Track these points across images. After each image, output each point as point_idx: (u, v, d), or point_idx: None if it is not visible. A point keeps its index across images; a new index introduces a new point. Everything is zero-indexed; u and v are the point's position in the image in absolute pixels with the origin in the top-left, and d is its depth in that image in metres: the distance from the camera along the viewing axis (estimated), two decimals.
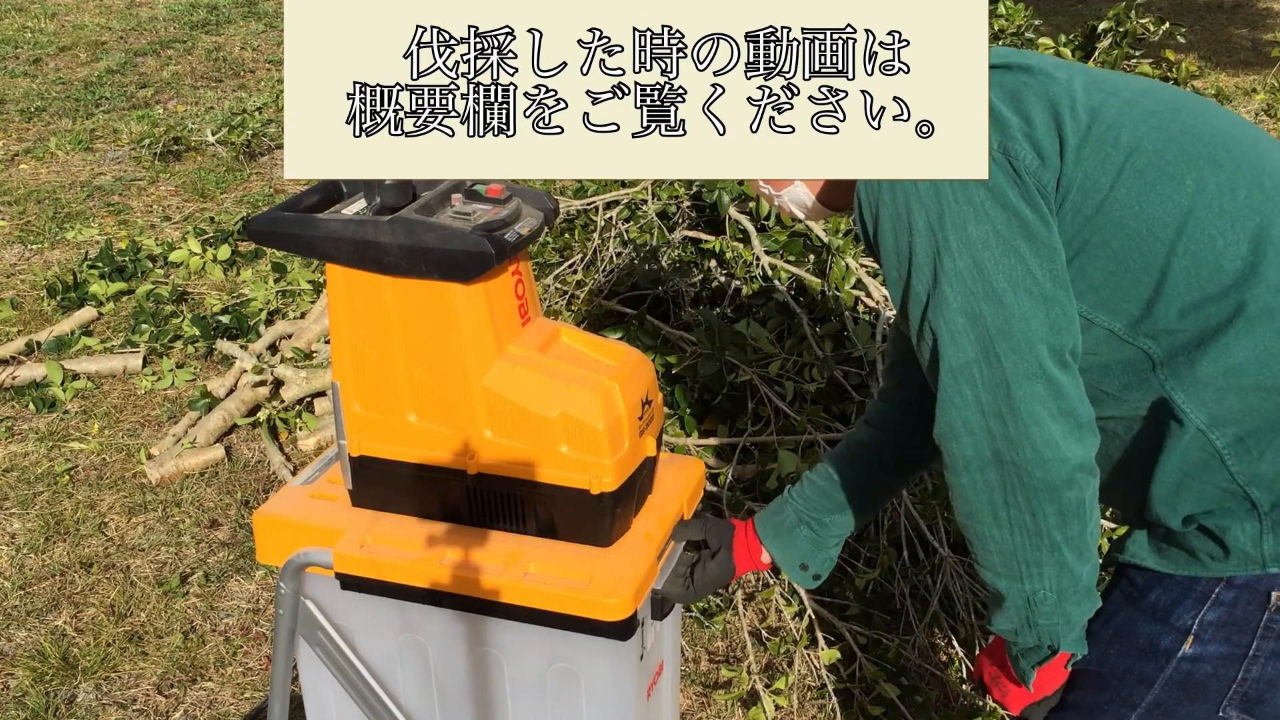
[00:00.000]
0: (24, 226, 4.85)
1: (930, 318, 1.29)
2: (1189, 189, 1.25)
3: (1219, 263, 1.24)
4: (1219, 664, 1.30)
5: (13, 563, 2.88)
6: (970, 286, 1.25)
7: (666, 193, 3.37)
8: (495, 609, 1.70)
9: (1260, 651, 1.28)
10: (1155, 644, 1.34)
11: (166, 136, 5.60)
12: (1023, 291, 1.24)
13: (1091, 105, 1.28)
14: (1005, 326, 1.24)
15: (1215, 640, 1.30)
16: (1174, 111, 1.31)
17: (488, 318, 1.67)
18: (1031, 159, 1.25)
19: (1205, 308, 1.24)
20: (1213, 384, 1.24)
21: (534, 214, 1.75)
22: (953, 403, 1.28)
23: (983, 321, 1.25)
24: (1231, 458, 1.26)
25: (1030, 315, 1.24)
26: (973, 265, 1.24)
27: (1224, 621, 1.29)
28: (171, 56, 7.22)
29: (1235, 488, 1.27)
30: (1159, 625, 1.34)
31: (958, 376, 1.27)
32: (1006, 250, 1.24)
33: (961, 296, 1.25)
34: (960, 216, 1.24)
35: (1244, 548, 1.28)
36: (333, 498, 1.90)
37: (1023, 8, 4.01)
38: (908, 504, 2.51)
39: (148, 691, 2.49)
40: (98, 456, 3.33)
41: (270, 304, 3.99)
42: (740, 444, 2.75)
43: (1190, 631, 1.31)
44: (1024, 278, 1.24)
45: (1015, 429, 1.25)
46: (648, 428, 1.78)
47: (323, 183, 1.85)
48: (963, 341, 1.26)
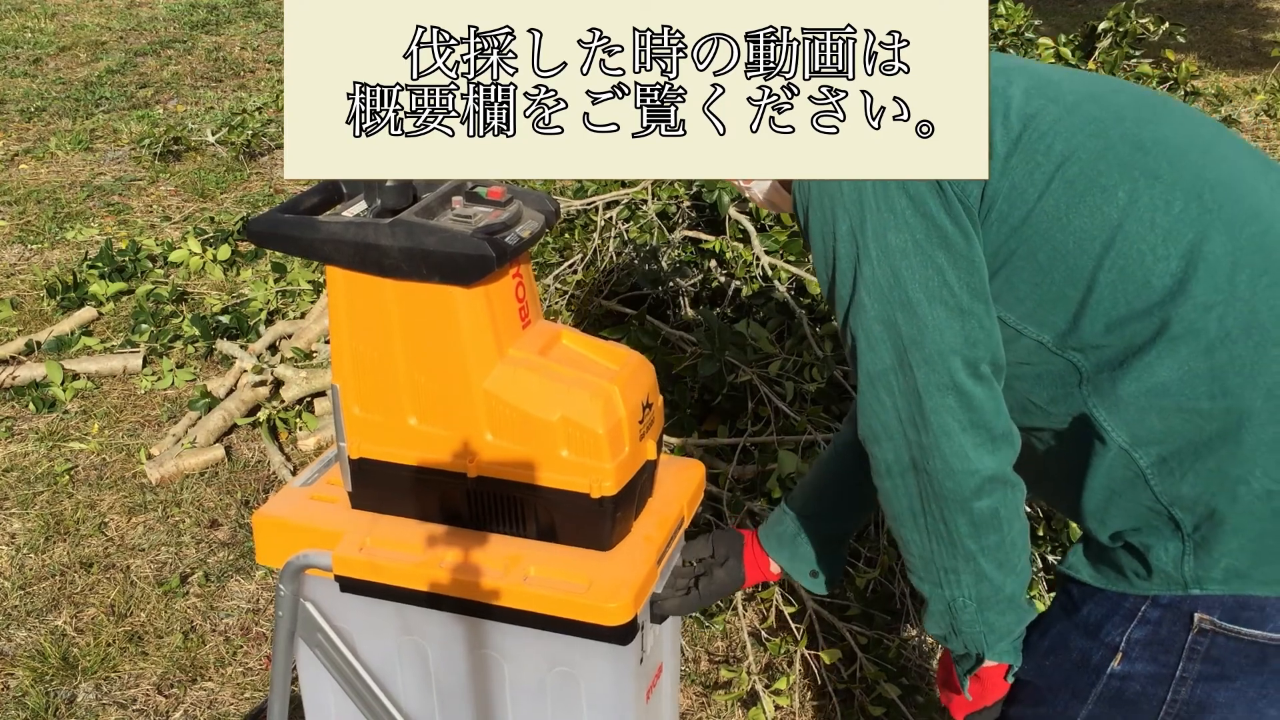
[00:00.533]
0: (24, 226, 4.85)
1: (850, 322, 1.29)
2: (1120, 201, 1.22)
3: (1147, 278, 1.21)
4: (1147, 683, 1.28)
5: (13, 563, 2.88)
6: (887, 295, 1.25)
7: (666, 193, 3.37)
8: (495, 612, 1.70)
9: (1188, 673, 1.26)
10: (1087, 658, 1.33)
11: (166, 136, 5.60)
12: (938, 303, 1.24)
13: (1027, 113, 1.26)
14: (918, 337, 1.24)
15: (1142, 659, 1.28)
16: (1118, 119, 1.28)
17: (488, 321, 1.67)
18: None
19: (1131, 324, 1.22)
20: (1134, 403, 1.22)
21: (535, 216, 1.75)
22: (872, 408, 1.29)
23: (898, 330, 1.25)
24: (1155, 478, 1.24)
25: (944, 327, 1.24)
26: (890, 274, 1.24)
27: (1150, 640, 1.27)
28: (171, 56, 7.22)
29: (1159, 507, 1.25)
30: (1090, 640, 1.32)
31: (875, 383, 1.28)
32: (924, 260, 1.23)
33: (879, 304, 1.25)
34: (881, 224, 1.24)
35: (1166, 568, 1.25)
36: (332, 499, 1.90)
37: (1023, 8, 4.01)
38: None
39: (148, 691, 2.49)
40: (98, 456, 3.32)
41: (270, 304, 3.99)
42: (740, 444, 2.75)
43: (1119, 648, 1.29)
44: (940, 289, 1.23)
45: (926, 438, 1.26)
46: (648, 431, 1.78)
47: (323, 183, 1.84)
48: (879, 349, 1.27)
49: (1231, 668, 1.24)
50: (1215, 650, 1.24)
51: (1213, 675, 1.25)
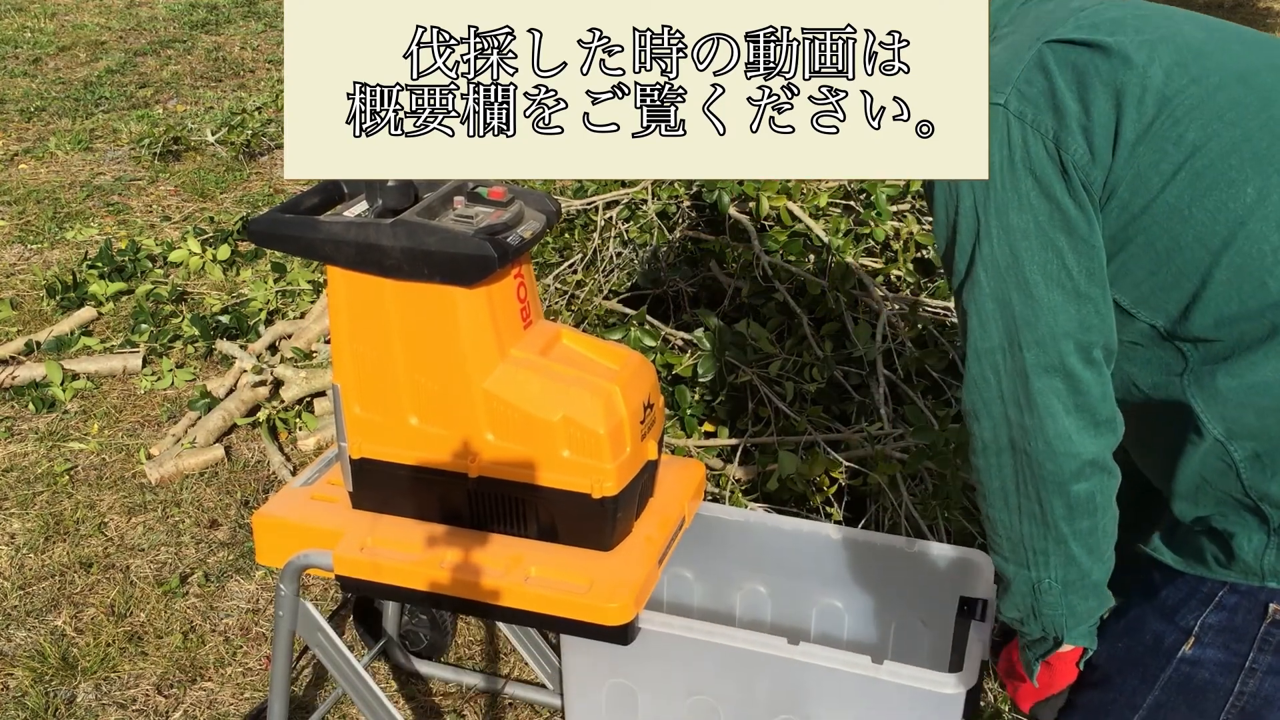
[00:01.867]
0: (24, 226, 4.85)
1: (964, 296, 1.29)
2: (1248, 198, 1.19)
3: (1264, 279, 1.20)
4: (1216, 671, 1.29)
5: (12, 563, 2.87)
6: (1004, 274, 1.24)
7: (666, 193, 3.37)
8: (496, 612, 1.70)
9: (1258, 665, 1.27)
10: (1160, 641, 1.34)
11: (166, 136, 5.60)
12: (1055, 286, 1.23)
13: (1165, 94, 1.21)
14: (1032, 318, 1.24)
15: (1214, 645, 1.29)
16: (1264, 104, 1.22)
17: (489, 321, 1.67)
18: (1082, 154, 1.22)
19: (1241, 323, 1.22)
20: (1233, 399, 1.23)
21: (536, 216, 1.75)
22: (976, 383, 1.30)
23: (1011, 310, 1.25)
24: (1246, 472, 1.25)
25: (1059, 310, 1.23)
26: (1009, 253, 1.24)
27: (1224, 626, 1.29)
28: (171, 56, 7.22)
29: (1249, 500, 1.26)
30: (1165, 623, 1.34)
31: (982, 359, 1.28)
32: (1044, 242, 1.23)
33: (994, 282, 1.25)
34: (1004, 202, 1.23)
35: (1246, 557, 1.27)
36: (333, 499, 1.90)
37: None
38: (908, 504, 2.51)
39: (147, 691, 2.48)
40: (97, 456, 3.32)
41: (270, 304, 3.98)
42: (741, 445, 2.75)
43: (1192, 632, 1.31)
44: (1058, 272, 1.23)
45: (1030, 419, 1.26)
46: (649, 431, 1.78)
47: (323, 184, 1.85)
48: (990, 327, 1.27)
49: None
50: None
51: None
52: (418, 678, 2.49)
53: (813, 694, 1.74)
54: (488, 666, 2.55)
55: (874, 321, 2.89)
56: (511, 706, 2.43)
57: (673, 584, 2.20)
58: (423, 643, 2.51)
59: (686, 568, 2.17)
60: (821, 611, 2.11)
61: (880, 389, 2.74)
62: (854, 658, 1.69)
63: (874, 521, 2.61)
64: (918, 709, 1.68)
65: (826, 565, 2.07)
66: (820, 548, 2.05)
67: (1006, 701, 2.34)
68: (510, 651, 2.57)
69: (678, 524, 1.88)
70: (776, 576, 2.11)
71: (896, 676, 1.66)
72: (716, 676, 1.80)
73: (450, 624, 2.52)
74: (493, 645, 2.60)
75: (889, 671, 1.67)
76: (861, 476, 2.62)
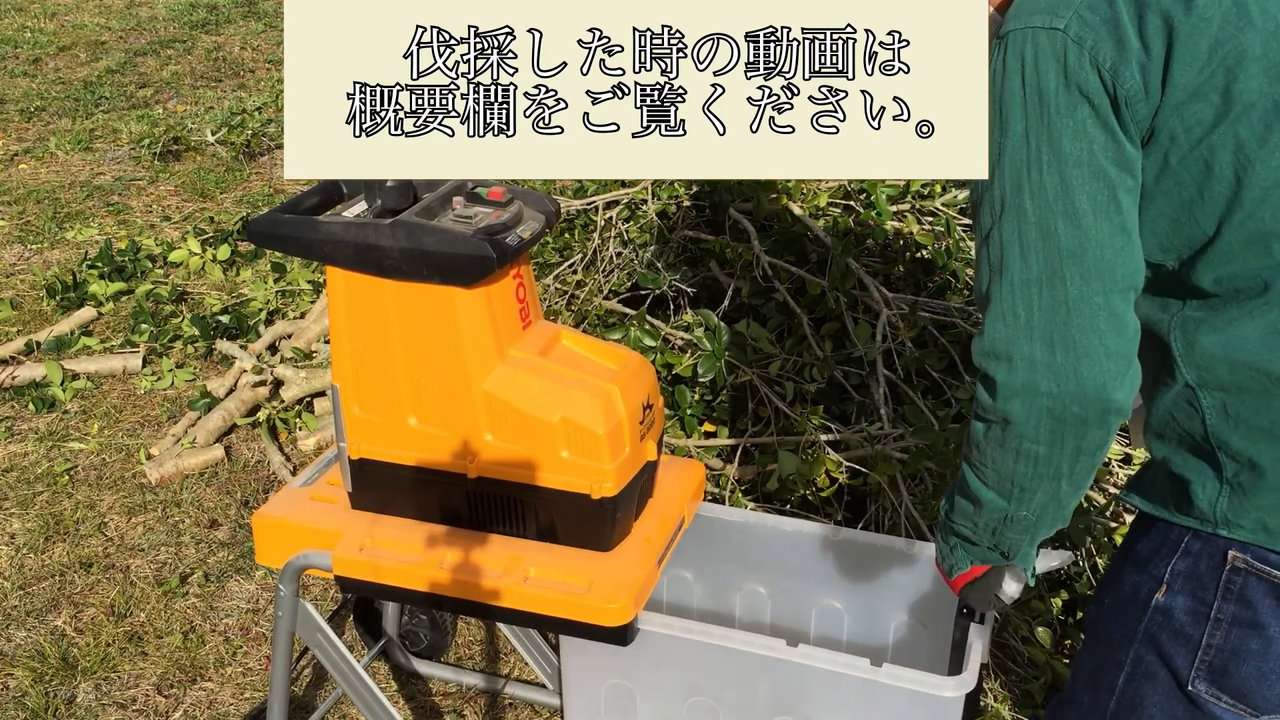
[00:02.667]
0: (24, 226, 4.85)
1: (1004, 225, 1.23)
2: (1275, 163, 1.18)
3: (1269, 243, 1.20)
4: (1186, 620, 1.31)
5: (12, 563, 2.87)
6: (1052, 202, 1.20)
7: (666, 193, 3.36)
8: (495, 613, 1.70)
9: (1222, 614, 1.28)
10: (1137, 592, 1.36)
11: (166, 136, 5.59)
12: (1104, 218, 1.19)
13: (1218, 39, 1.17)
14: (1079, 250, 1.20)
15: (1183, 592, 1.31)
16: None
17: (488, 322, 1.67)
18: (1136, 89, 1.18)
19: (1237, 280, 1.22)
20: (1210, 350, 1.24)
21: (535, 217, 1.75)
22: (1003, 318, 1.24)
23: (1056, 241, 1.20)
24: (1212, 419, 1.26)
25: (1107, 243, 1.20)
26: (1059, 180, 1.19)
27: (1190, 573, 1.30)
28: (171, 56, 7.22)
29: (1207, 447, 1.27)
30: (1140, 573, 1.36)
31: (1015, 293, 1.23)
32: (1097, 171, 1.19)
33: (1041, 211, 1.20)
34: (1058, 129, 1.19)
35: (1201, 504, 1.28)
36: (332, 500, 1.90)
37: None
38: (908, 504, 2.51)
39: (147, 692, 2.48)
40: (97, 456, 3.32)
41: (270, 304, 3.98)
42: (741, 445, 2.75)
43: (1163, 580, 1.32)
44: (1108, 204, 1.19)
45: (1064, 359, 1.21)
46: (648, 432, 1.78)
47: (323, 184, 1.84)
48: (1031, 257, 1.21)
49: (1264, 612, 1.26)
50: (1248, 591, 1.26)
51: (1246, 621, 1.27)
52: (418, 678, 2.49)
53: (812, 696, 1.74)
54: (488, 666, 2.55)
55: (874, 321, 2.89)
56: (511, 706, 2.43)
57: (672, 585, 2.19)
58: (423, 643, 2.51)
59: (686, 568, 2.17)
60: (821, 612, 2.11)
61: (880, 389, 2.74)
62: (853, 660, 1.69)
63: (874, 521, 2.60)
64: (917, 712, 1.68)
65: (826, 566, 2.06)
66: (820, 548, 2.05)
67: (1006, 703, 2.34)
68: (510, 651, 2.57)
69: (677, 524, 1.87)
70: (776, 577, 2.11)
71: (895, 679, 1.66)
72: (715, 678, 1.80)
73: (450, 624, 2.52)
74: (493, 645, 2.60)
75: (888, 674, 1.66)
76: (861, 476, 2.62)
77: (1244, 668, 1.28)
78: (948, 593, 1.95)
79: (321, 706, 2.31)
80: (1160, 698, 1.35)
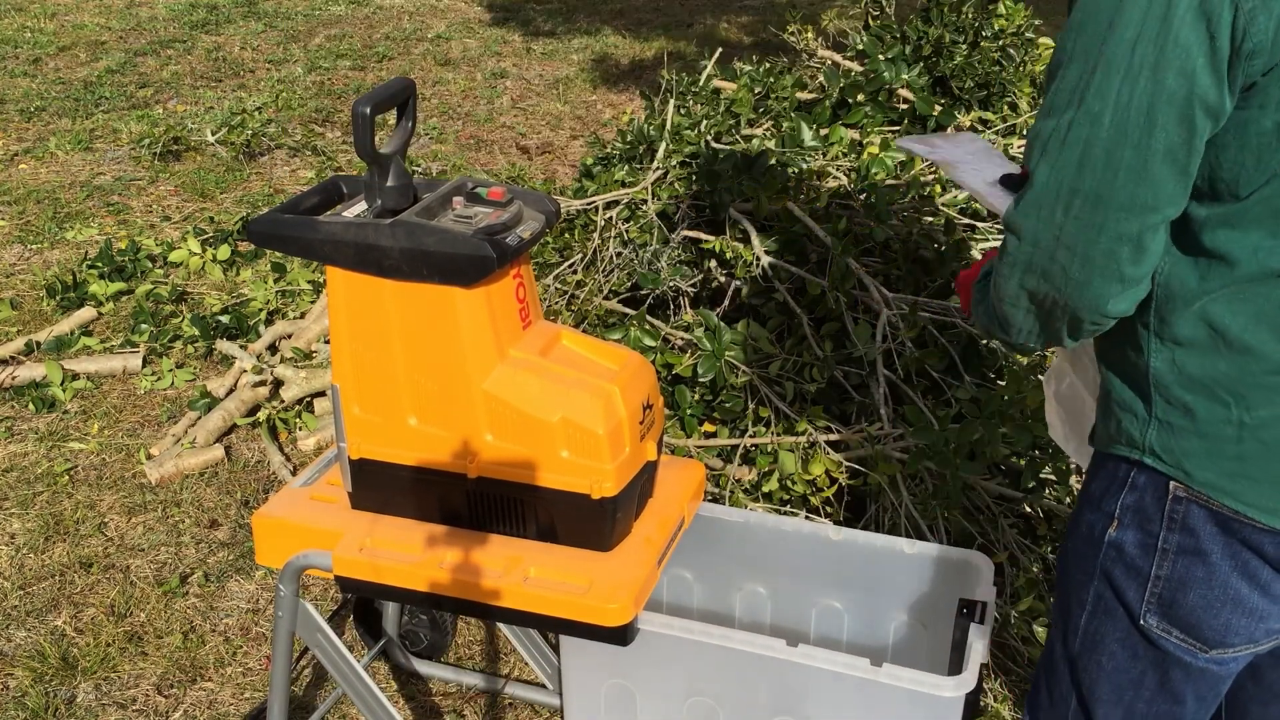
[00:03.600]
0: (24, 226, 4.85)
1: (1074, 122, 1.18)
2: None
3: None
4: (1136, 553, 1.34)
5: (12, 563, 2.88)
6: (1127, 127, 1.15)
7: (666, 192, 3.37)
8: (495, 613, 1.70)
9: (1169, 545, 1.31)
10: (1092, 530, 1.39)
11: (166, 136, 5.59)
12: (1171, 163, 1.16)
13: None
14: (1133, 185, 1.17)
15: (1132, 526, 1.34)
16: None
17: (488, 322, 1.67)
18: (1264, 43, 1.11)
19: (1238, 248, 1.20)
20: (1186, 296, 1.24)
21: (535, 217, 1.75)
22: (1038, 208, 1.22)
23: (1116, 168, 1.17)
24: (1156, 364, 1.28)
25: (1161, 186, 1.17)
26: (1145, 113, 1.14)
27: (1138, 506, 1.33)
28: (171, 56, 7.22)
29: (1144, 382, 1.30)
30: (1095, 512, 1.39)
31: (1058, 194, 1.20)
32: (1185, 119, 1.14)
33: (1114, 132, 1.16)
34: (1169, 58, 1.12)
35: (1132, 431, 1.31)
36: (332, 500, 1.90)
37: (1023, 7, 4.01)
38: (908, 504, 2.51)
39: (147, 691, 2.49)
40: (97, 456, 3.32)
41: (270, 304, 3.99)
42: (741, 445, 2.75)
43: (1114, 515, 1.35)
44: (1180, 149, 1.15)
45: (1078, 272, 1.22)
46: (648, 432, 1.78)
47: (323, 184, 1.85)
48: (1086, 171, 1.18)
49: (1205, 539, 1.29)
50: (1190, 519, 1.29)
51: (1190, 549, 1.30)
52: (418, 678, 2.49)
53: (812, 696, 1.74)
54: (488, 666, 2.55)
55: (874, 321, 2.89)
56: (511, 706, 2.43)
57: (672, 585, 2.20)
58: (423, 643, 2.52)
59: (686, 568, 2.17)
60: (821, 613, 2.11)
61: (880, 389, 2.74)
62: (853, 660, 1.69)
63: (874, 522, 2.61)
64: (916, 712, 1.68)
65: (826, 566, 2.07)
66: (820, 548, 2.05)
67: (1006, 703, 2.34)
68: (510, 651, 2.57)
69: (677, 524, 1.88)
70: (776, 577, 2.11)
71: (895, 679, 1.66)
72: (715, 678, 1.80)
73: (450, 624, 2.52)
74: (493, 645, 2.60)
75: (888, 674, 1.67)
76: (861, 476, 2.62)
77: (1190, 596, 1.32)
78: (948, 593, 1.95)
79: (321, 706, 2.31)
80: (1120, 634, 1.39)
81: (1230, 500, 1.26)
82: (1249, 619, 1.31)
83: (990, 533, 2.53)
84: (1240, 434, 1.25)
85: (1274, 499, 1.25)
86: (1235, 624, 1.31)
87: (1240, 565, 1.29)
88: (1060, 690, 1.49)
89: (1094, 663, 1.43)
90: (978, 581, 1.88)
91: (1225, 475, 1.26)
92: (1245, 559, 1.28)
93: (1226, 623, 1.31)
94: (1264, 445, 1.24)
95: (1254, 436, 1.24)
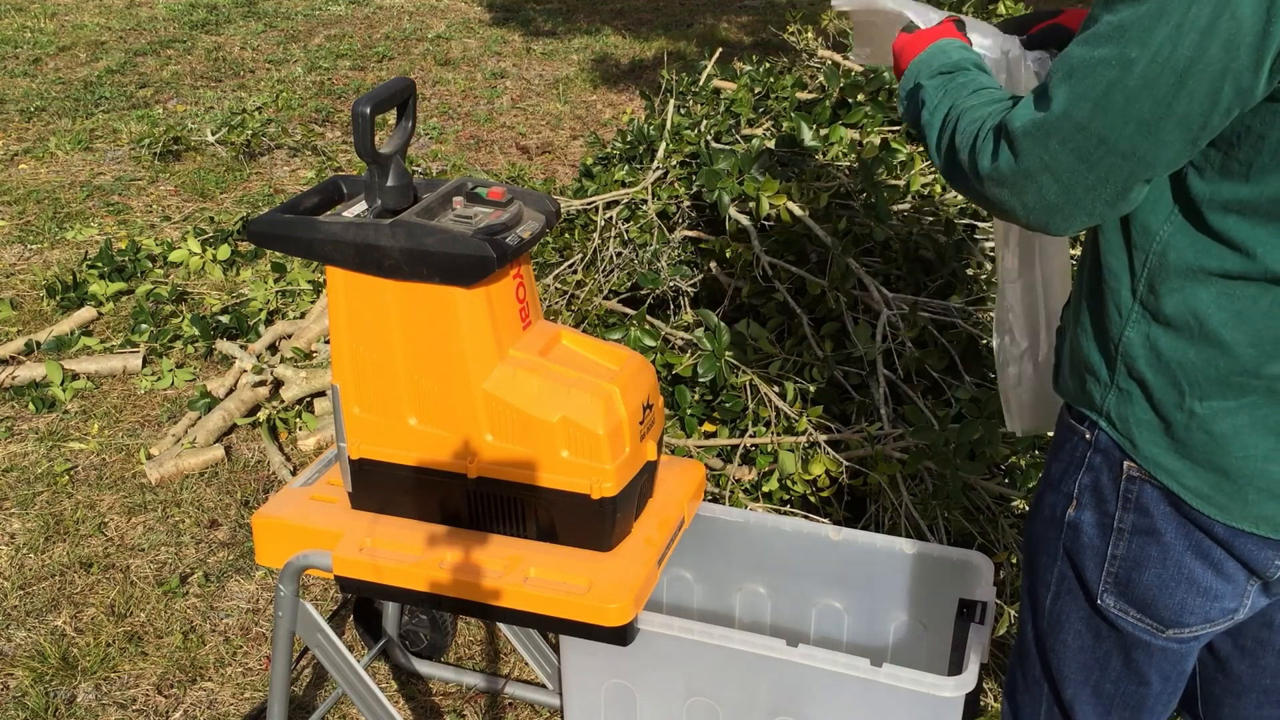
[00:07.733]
0: (24, 226, 4.85)
1: (1104, 63, 1.14)
2: None
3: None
4: (1093, 533, 1.36)
5: (12, 563, 2.88)
6: (1158, 83, 1.12)
7: (666, 192, 3.37)
8: (495, 613, 1.70)
9: (1124, 524, 1.33)
10: (1053, 512, 1.41)
11: (166, 136, 5.59)
12: (1183, 130, 1.14)
13: None
14: (1141, 143, 1.15)
15: (1090, 506, 1.36)
16: None
17: (489, 322, 1.67)
18: None
19: (1237, 235, 1.19)
20: (1180, 270, 1.23)
21: (535, 217, 1.75)
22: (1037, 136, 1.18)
23: (1130, 124, 1.14)
24: (1129, 334, 1.28)
25: (1167, 148, 1.15)
26: (1178, 77, 1.11)
27: (1094, 486, 1.35)
28: (171, 56, 7.22)
29: (1112, 349, 1.30)
30: (1055, 493, 1.41)
31: (1062, 125, 1.17)
32: (1214, 94, 1.11)
33: (1142, 85, 1.12)
34: (1219, 28, 1.08)
35: (1094, 393, 1.33)
36: (332, 500, 1.90)
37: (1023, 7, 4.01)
38: (908, 504, 2.51)
39: (147, 691, 2.49)
40: (97, 456, 3.32)
41: (270, 304, 3.99)
42: (741, 445, 2.75)
43: (1073, 495, 1.37)
44: (1197, 121, 1.13)
45: (1055, 196, 1.19)
46: (649, 432, 1.78)
47: (323, 184, 1.85)
48: (1099, 117, 1.15)
49: (1159, 518, 1.31)
50: (1144, 498, 1.31)
51: (1144, 528, 1.32)
52: (418, 678, 2.49)
53: (812, 696, 1.74)
54: (488, 666, 2.55)
55: (874, 321, 2.89)
56: (511, 706, 2.43)
57: (672, 585, 2.20)
58: (423, 643, 2.51)
59: (686, 568, 2.17)
60: (821, 613, 2.11)
61: (880, 389, 2.74)
62: (853, 660, 1.69)
63: (874, 522, 2.61)
64: (916, 712, 1.68)
65: (826, 566, 2.07)
66: (820, 548, 2.05)
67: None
68: (510, 651, 2.57)
69: (677, 524, 1.88)
70: (776, 577, 2.11)
71: (895, 679, 1.66)
72: (715, 678, 1.80)
73: (450, 624, 2.52)
74: (493, 645, 2.60)
75: (888, 674, 1.67)
76: (861, 476, 2.62)
77: (1145, 575, 1.33)
78: (948, 593, 1.95)
79: (321, 706, 2.31)
80: (1083, 614, 1.41)
81: (1170, 481, 1.28)
82: (1203, 598, 1.32)
83: (990, 533, 2.53)
84: (1189, 422, 1.26)
85: (1210, 487, 1.27)
86: (1190, 603, 1.33)
87: (1193, 545, 1.30)
88: (1034, 673, 1.51)
89: (1060, 643, 1.45)
90: (978, 581, 1.88)
91: (1169, 454, 1.28)
92: (1198, 539, 1.30)
93: (1182, 602, 1.33)
94: (1210, 437, 1.26)
95: (1201, 427, 1.26)
